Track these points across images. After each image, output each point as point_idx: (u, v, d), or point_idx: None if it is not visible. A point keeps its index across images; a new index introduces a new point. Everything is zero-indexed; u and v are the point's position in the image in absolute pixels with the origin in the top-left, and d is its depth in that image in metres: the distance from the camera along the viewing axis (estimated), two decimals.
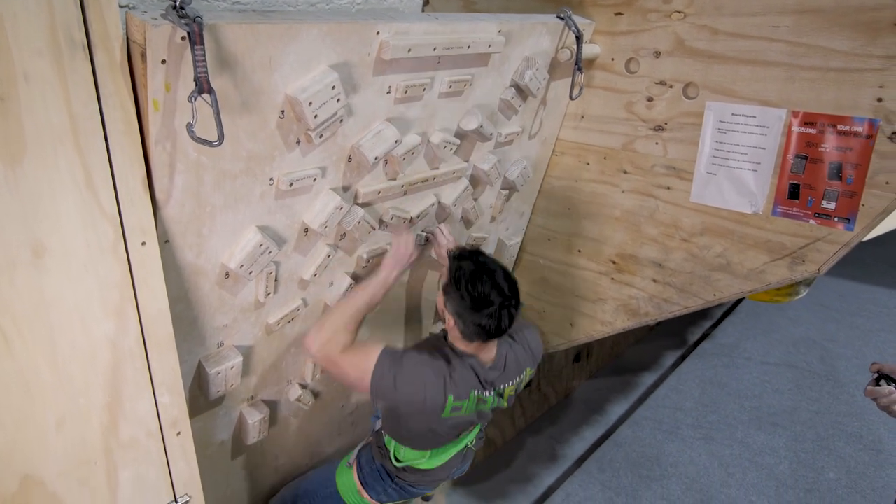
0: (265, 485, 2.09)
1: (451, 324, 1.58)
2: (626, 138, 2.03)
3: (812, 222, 1.69)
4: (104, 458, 1.16)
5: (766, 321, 4.96)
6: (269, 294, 1.53)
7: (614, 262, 2.20)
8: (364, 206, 1.62)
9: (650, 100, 1.93)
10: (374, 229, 1.68)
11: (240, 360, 1.55)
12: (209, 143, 1.08)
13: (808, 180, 1.67)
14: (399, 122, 1.53)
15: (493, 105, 1.81)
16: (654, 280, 2.10)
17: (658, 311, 2.14)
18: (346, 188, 1.55)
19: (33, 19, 0.91)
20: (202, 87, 1.03)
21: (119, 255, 1.09)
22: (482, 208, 2.13)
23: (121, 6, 1.06)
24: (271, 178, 1.35)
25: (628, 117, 2.00)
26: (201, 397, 1.57)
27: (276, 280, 1.54)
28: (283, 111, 1.26)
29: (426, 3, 1.86)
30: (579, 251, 2.30)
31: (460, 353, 1.63)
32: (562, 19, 1.80)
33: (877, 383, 1.52)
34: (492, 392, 1.69)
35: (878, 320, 4.94)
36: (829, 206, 1.65)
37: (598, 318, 2.33)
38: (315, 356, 1.58)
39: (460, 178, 1.90)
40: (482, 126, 1.74)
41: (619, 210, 2.12)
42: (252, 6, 1.44)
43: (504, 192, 2.16)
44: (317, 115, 1.27)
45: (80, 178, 1.03)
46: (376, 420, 1.92)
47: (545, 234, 2.41)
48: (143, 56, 1.02)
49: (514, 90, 1.81)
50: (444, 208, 1.92)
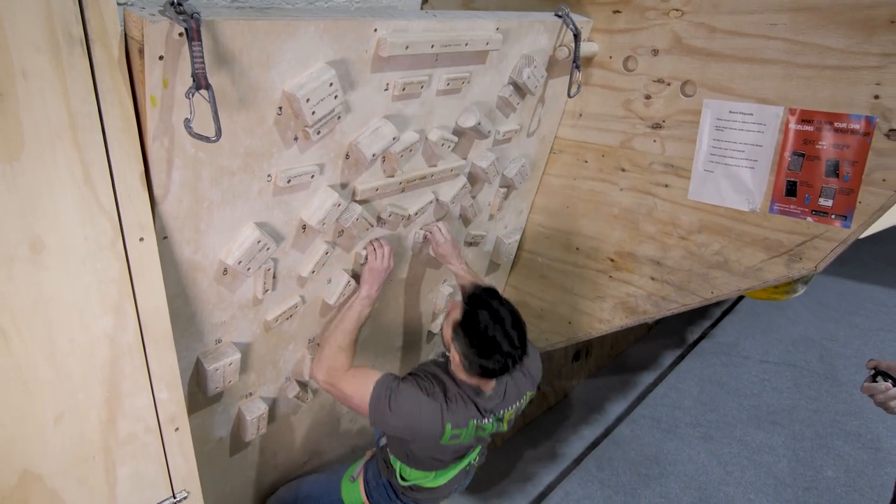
0: (264, 482, 2.10)
1: (455, 360, 1.61)
2: (624, 136, 2.03)
3: (809, 219, 1.69)
4: (103, 454, 1.16)
5: (766, 320, 4.96)
6: (267, 291, 1.54)
7: (612, 260, 2.20)
8: (362, 203, 1.63)
9: (648, 98, 1.93)
10: (372, 226, 1.69)
11: (238, 356, 1.55)
12: (207, 139, 1.08)
13: (806, 178, 1.68)
14: (397, 120, 1.53)
15: (491, 103, 1.82)
16: (653, 278, 2.10)
17: (656, 309, 2.14)
18: (343, 185, 1.55)
19: (31, 15, 0.92)
20: (200, 83, 1.04)
21: (117, 250, 1.10)
22: (480, 206, 2.13)
23: (119, 3, 1.07)
24: (269, 175, 1.35)
25: (626, 115, 2.00)
26: (199, 394, 1.57)
27: (274, 277, 1.54)
28: (280, 108, 1.27)
29: (425, 1, 1.86)
30: (577, 249, 2.30)
31: (460, 382, 1.66)
32: (560, 17, 1.80)
33: (873, 380, 1.52)
34: (491, 419, 1.71)
35: (877, 319, 4.94)
36: (826, 203, 1.66)
37: (597, 315, 2.34)
38: (322, 385, 1.67)
39: (458, 175, 1.91)
40: (480, 123, 1.74)
41: (618, 208, 2.12)
42: (250, 3, 1.44)
43: (502, 189, 2.16)
44: (314, 112, 1.28)
45: (79, 174, 1.03)
46: (380, 434, 1.93)
47: (543, 232, 2.41)
48: (141, 52, 1.02)
49: (512, 88, 1.82)
50: (441, 206, 1.92)
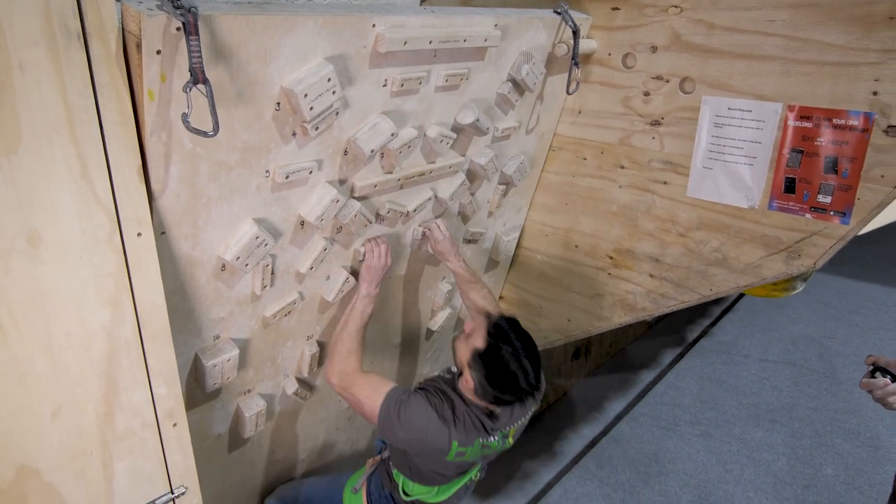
0: (262, 479, 2.10)
1: (468, 384, 1.60)
2: (623, 133, 2.03)
3: (808, 216, 1.69)
4: (100, 449, 1.16)
5: (765, 319, 4.96)
6: (265, 287, 1.54)
7: (611, 258, 2.20)
8: (360, 199, 1.63)
9: (647, 94, 1.93)
10: (371, 223, 1.69)
11: (236, 352, 1.55)
12: (204, 134, 1.08)
13: (804, 174, 1.67)
14: (395, 116, 1.53)
15: (490, 99, 1.81)
16: (651, 275, 2.10)
17: (655, 306, 2.14)
18: (342, 181, 1.55)
19: (28, 8, 0.92)
20: (197, 77, 1.04)
21: (114, 244, 1.10)
22: (479, 203, 2.13)
23: None
24: (267, 171, 1.35)
25: (625, 112, 2.00)
26: (198, 390, 1.57)
27: (272, 273, 1.54)
28: (278, 103, 1.27)
29: None
30: (576, 246, 2.30)
31: (469, 402, 1.65)
32: (559, 14, 1.80)
33: (872, 375, 1.52)
34: (497, 436, 1.71)
35: (876, 318, 4.94)
36: (824, 199, 1.66)
37: (596, 313, 2.34)
38: (336, 388, 1.69)
39: (457, 172, 1.91)
40: (479, 120, 1.74)
41: (616, 205, 2.12)
42: None
43: (501, 187, 2.16)
44: (312, 108, 1.27)
45: (76, 168, 1.03)
46: (381, 445, 1.93)
47: (542, 230, 2.41)
48: (139, 46, 1.02)
49: (510, 85, 1.82)
50: (440, 203, 1.92)
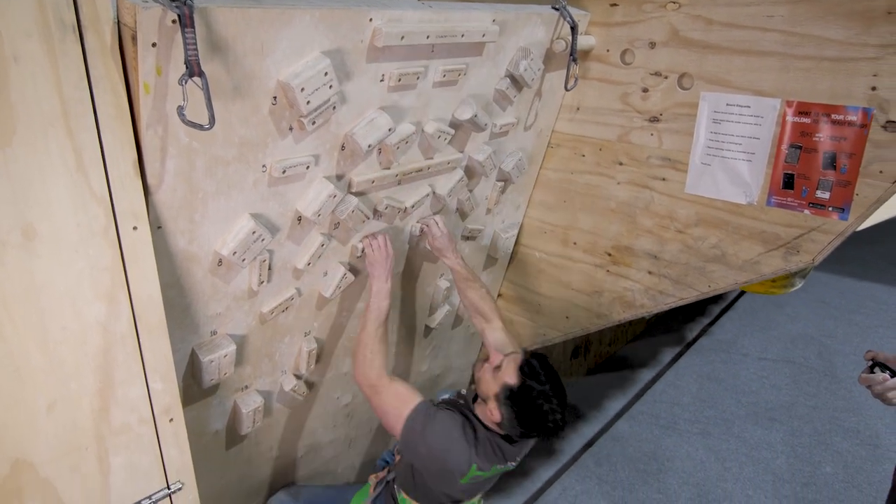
0: (260, 476, 2.09)
1: (494, 416, 1.59)
2: (621, 130, 2.03)
3: (806, 212, 1.69)
4: (96, 444, 1.15)
5: (764, 317, 4.95)
6: (262, 282, 1.53)
7: (610, 255, 2.20)
8: (358, 195, 1.62)
9: (645, 91, 1.93)
10: (369, 219, 1.68)
11: (233, 348, 1.55)
12: (200, 127, 1.07)
13: (803, 170, 1.67)
14: (393, 111, 1.53)
15: (488, 95, 1.81)
16: (650, 272, 2.10)
17: (653, 303, 2.14)
18: (339, 177, 1.55)
19: (23, 1, 0.91)
20: (193, 70, 1.03)
21: (110, 238, 1.09)
22: (477, 200, 2.13)
23: None
24: (264, 165, 1.35)
25: (624, 109, 2.00)
26: (195, 385, 1.57)
27: (269, 268, 1.54)
28: (275, 97, 1.26)
29: None
30: (575, 243, 2.29)
31: (489, 428, 1.65)
32: (557, 10, 1.79)
33: (871, 371, 1.51)
34: (514, 464, 1.72)
35: (876, 317, 4.94)
36: (823, 195, 1.65)
37: (594, 310, 2.33)
38: (363, 390, 1.68)
39: (455, 168, 1.90)
40: (477, 116, 1.73)
41: (615, 202, 2.12)
42: None
43: (499, 183, 2.16)
44: (309, 102, 1.27)
45: (71, 161, 1.03)
46: (384, 464, 1.92)
47: (541, 227, 2.41)
48: (134, 39, 1.02)
49: (508, 80, 1.81)
50: (438, 199, 1.92)
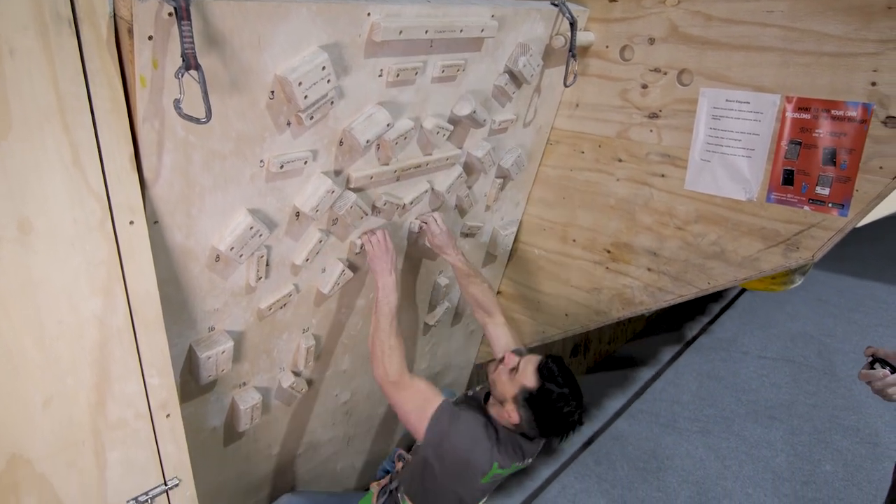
0: (258, 474, 2.09)
1: (511, 417, 1.62)
2: (620, 126, 2.02)
3: (806, 208, 1.69)
4: (92, 438, 1.15)
5: (764, 316, 4.95)
6: (260, 278, 1.53)
7: (609, 252, 2.19)
8: (356, 190, 1.62)
9: (644, 87, 1.92)
10: (367, 215, 1.68)
11: (231, 344, 1.54)
12: (197, 121, 1.07)
13: (803, 166, 1.67)
14: (391, 106, 1.52)
15: (487, 91, 1.81)
16: (649, 269, 2.09)
17: (653, 300, 2.13)
18: (337, 172, 1.54)
19: None
20: (189, 63, 1.03)
21: (106, 232, 1.09)
22: (476, 196, 2.12)
23: None
24: (261, 160, 1.34)
25: (623, 105, 1.99)
26: (192, 382, 1.56)
27: (267, 264, 1.53)
28: (272, 91, 1.26)
29: None
30: (574, 241, 2.29)
31: (508, 427, 1.67)
32: (556, 6, 1.79)
33: (871, 367, 1.51)
34: (530, 459, 1.74)
35: (876, 315, 4.93)
36: (823, 191, 1.65)
37: (594, 307, 2.33)
38: (384, 384, 1.68)
39: (454, 164, 1.90)
40: (475, 112, 1.73)
41: (614, 199, 2.11)
42: None
43: (498, 180, 2.15)
44: (307, 96, 1.27)
45: (67, 155, 1.02)
46: (384, 473, 1.91)
47: (540, 224, 2.40)
48: (130, 32, 1.01)
49: (507, 76, 1.81)
50: (437, 195, 1.91)
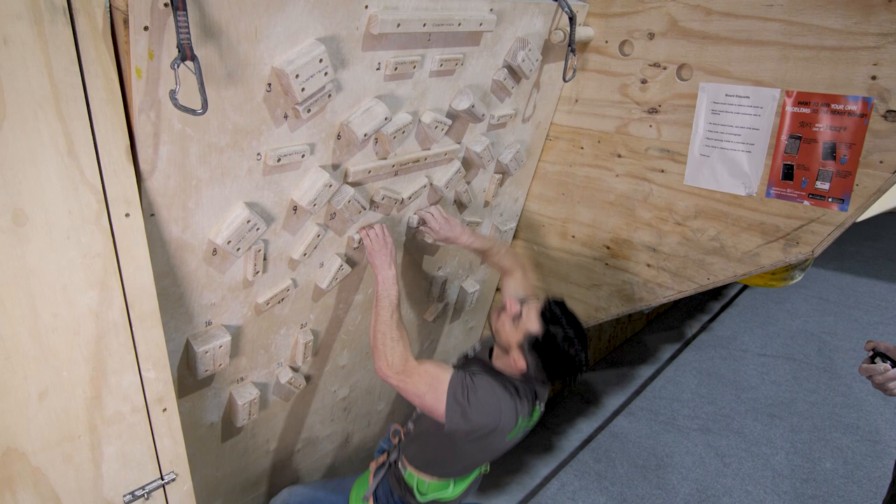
0: (256, 469, 2.08)
1: (518, 364, 1.60)
2: (620, 122, 2.02)
3: (806, 203, 1.68)
4: (88, 432, 1.15)
5: (764, 314, 4.94)
6: (257, 273, 1.52)
7: (608, 248, 2.18)
8: (354, 185, 1.61)
9: (644, 82, 1.91)
10: (365, 209, 1.67)
11: (228, 339, 1.53)
12: (193, 112, 1.06)
13: (802, 161, 1.66)
14: (389, 100, 1.52)
15: (486, 86, 1.80)
16: (649, 265, 2.09)
17: (652, 296, 2.13)
18: (335, 166, 1.54)
19: None
20: (185, 53, 1.02)
21: (102, 225, 1.08)
22: (475, 192, 2.12)
23: None
24: (259, 153, 1.33)
25: (622, 100, 1.99)
26: (189, 377, 1.56)
27: (264, 259, 1.53)
28: (269, 84, 1.25)
29: None
30: (573, 237, 2.28)
31: (515, 377, 1.66)
32: (555, 0, 1.78)
33: (872, 361, 1.50)
34: (542, 403, 1.73)
35: (876, 313, 4.93)
36: (822, 186, 1.64)
37: (593, 304, 2.32)
38: (390, 378, 1.61)
39: (452, 159, 1.89)
40: (474, 106, 1.72)
41: (613, 194, 2.11)
42: None
43: (497, 176, 2.14)
44: (304, 89, 1.26)
45: (62, 146, 1.02)
46: (380, 453, 1.91)
47: (539, 220, 2.39)
48: (126, 22, 1.01)
49: (506, 71, 1.80)
50: (436, 190, 1.91)
